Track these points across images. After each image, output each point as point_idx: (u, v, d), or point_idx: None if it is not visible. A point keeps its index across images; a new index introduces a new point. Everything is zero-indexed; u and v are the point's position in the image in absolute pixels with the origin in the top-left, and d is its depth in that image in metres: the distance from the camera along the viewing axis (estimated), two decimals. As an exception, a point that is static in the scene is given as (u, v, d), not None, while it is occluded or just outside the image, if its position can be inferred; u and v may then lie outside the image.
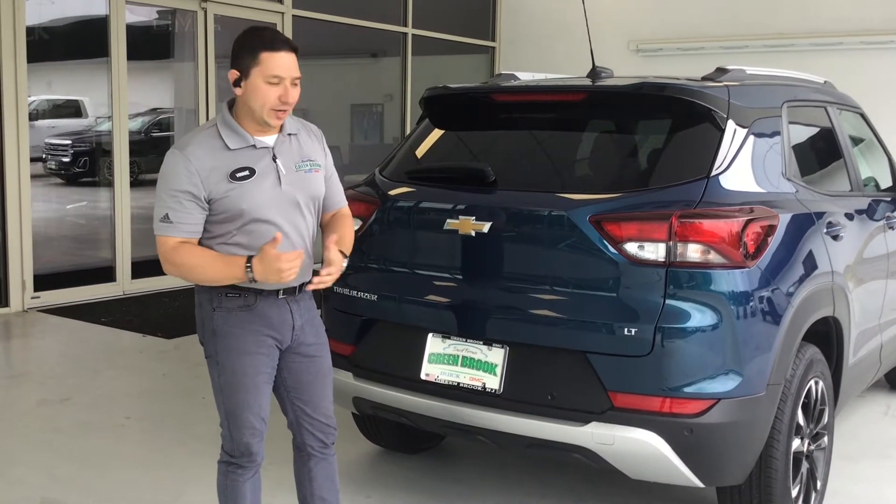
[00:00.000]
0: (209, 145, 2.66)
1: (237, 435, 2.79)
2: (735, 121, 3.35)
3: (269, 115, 2.66)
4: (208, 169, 2.62)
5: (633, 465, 3.13)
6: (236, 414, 2.77)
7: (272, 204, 2.68)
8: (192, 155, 2.63)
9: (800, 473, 3.48)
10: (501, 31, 11.99)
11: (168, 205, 2.63)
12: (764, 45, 10.00)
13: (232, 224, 2.67)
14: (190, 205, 2.62)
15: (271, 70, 2.62)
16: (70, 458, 4.22)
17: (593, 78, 3.89)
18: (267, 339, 2.76)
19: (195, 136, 2.70)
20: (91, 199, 9.19)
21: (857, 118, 4.87)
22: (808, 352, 3.42)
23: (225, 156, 2.65)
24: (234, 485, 2.86)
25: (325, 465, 2.99)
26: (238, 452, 2.83)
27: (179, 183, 2.61)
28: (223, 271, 2.62)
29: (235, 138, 2.68)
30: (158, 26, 8.92)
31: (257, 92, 2.63)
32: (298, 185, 2.75)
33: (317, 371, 2.91)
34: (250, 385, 2.75)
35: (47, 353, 6.16)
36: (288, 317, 2.79)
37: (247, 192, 2.65)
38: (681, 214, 3.05)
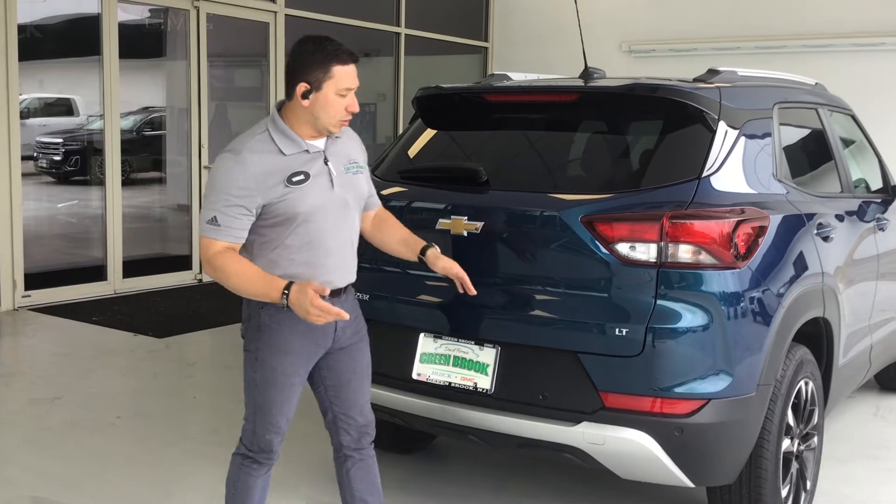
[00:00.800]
0: (264, 150, 2.69)
1: (261, 431, 2.83)
2: (726, 122, 3.36)
3: (335, 125, 2.74)
4: (264, 174, 2.65)
5: (623, 465, 3.14)
6: (265, 410, 2.80)
7: (326, 206, 2.74)
8: (247, 160, 2.65)
9: (790, 474, 3.49)
10: (494, 32, 12.00)
11: (218, 208, 2.64)
12: (755, 46, 10.03)
13: (285, 227, 2.70)
14: (240, 211, 2.64)
15: (344, 83, 2.69)
16: (61, 457, 4.21)
17: (586, 79, 3.89)
18: (309, 341, 2.79)
19: (248, 141, 2.70)
20: (82, 197, 9.16)
21: (848, 120, 4.89)
22: (798, 352, 3.43)
23: (280, 161, 2.69)
24: (247, 479, 2.89)
25: (362, 467, 3.00)
26: (258, 448, 2.86)
27: (233, 188, 2.63)
28: (261, 289, 2.64)
29: (289, 144, 2.72)
30: (150, 25, 8.90)
31: (327, 103, 2.69)
32: (348, 186, 2.81)
33: (355, 368, 2.94)
34: (285, 384, 2.79)
35: (38, 352, 6.15)
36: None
37: (302, 196, 2.69)
38: (672, 215, 3.06)
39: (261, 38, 9.09)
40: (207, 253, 2.66)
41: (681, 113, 3.36)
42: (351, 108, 2.71)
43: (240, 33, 9.26)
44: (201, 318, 7.06)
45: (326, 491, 3.89)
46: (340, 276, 2.83)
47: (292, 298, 2.57)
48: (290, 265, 2.73)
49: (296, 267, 2.73)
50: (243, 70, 9.97)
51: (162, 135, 9.22)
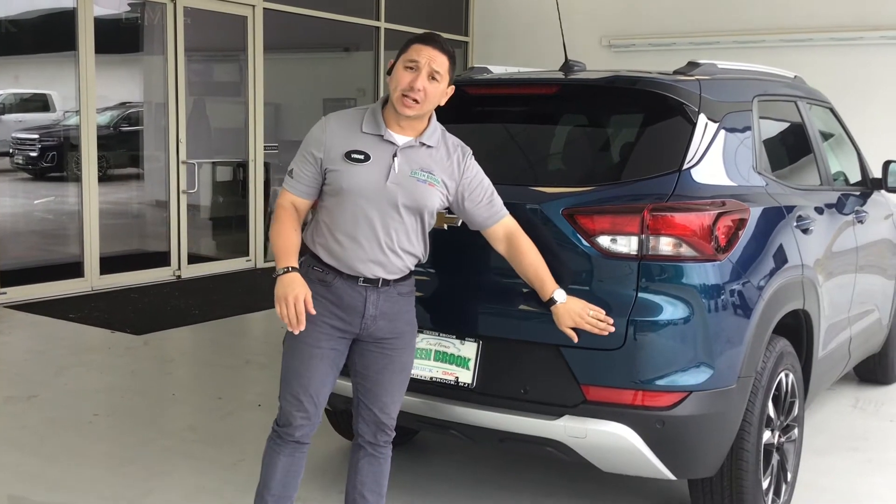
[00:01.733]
0: (349, 120, 2.87)
1: (283, 402, 2.91)
2: (706, 115, 3.36)
3: (398, 100, 2.78)
4: (335, 139, 2.82)
5: (605, 458, 3.14)
6: (287, 380, 2.90)
7: (371, 196, 2.79)
8: (329, 123, 2.87)
9: (770, 465, 3.50)
10: (474, 26, 11.99)
11: (297, 161, 2.88)
12: (734, 40, 10.07)
13: (334, 198, 2.84)
14: (309, 168, 2.85)
15: (411, 55, 2.80)
16: (37, 455, 4.16)
17: (566, 71, 3.88)
18: (331, 318, 2.85)
19: (345, 111, 2.93)
20: (59, 194, 9.06)
21: (827, 113, 4.91)
22: (778, 344, 3.44)
23: (354, 135, 2.84)
24: (271, 452, 2.97)
25: (373, 463, 3.03)
26: (283, 420, 2.93)
27: (309, 143, 2.87)
28: (278, 252, 2.81)
29: (372, 124, 2.85)
30: (127, 19, 8.81)
31: (395, 76, 2.81)
32: (405, 189, 2.82)
33: (386, 365, 2.96)
34: (305, 355, 2.85)
35: (14, 349, 6.07)
36: (360, 304, 2.86)
37: (352, 175, 2.79)
38: (653, 208, 3.05)
39: (239, 32, 9.02)
40: (277, 201, 2.90)
41: (661, 105, 3.36)
42: (414, 82, 2.75)
43: (218, 27, 9.18)
44: (180, 315, 7.00)
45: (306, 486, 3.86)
46: (368, 268, 2.85)
47: (284, 280, 2.73)
48: (328, 238, 2.86)
49: (331, 242, 2.85)
50: (221, 64, 9.90)
51: (139, 130, 9.14)
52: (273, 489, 2.97)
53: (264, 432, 3.03)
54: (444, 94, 2.86)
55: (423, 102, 2.78)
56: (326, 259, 2.85)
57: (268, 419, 4.65)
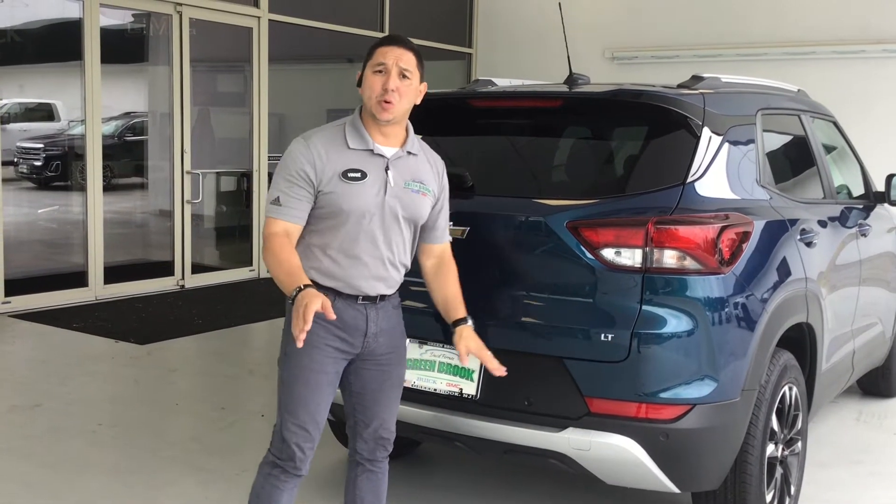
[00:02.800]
0: (332, 138, 2.75)
1: (287, 435, 2.77)
2: (710, 128, 3.37)
3: (375, 106, 2.71)
4: (325, 159, 2.69)
5: (609, 470, 3.14)
6: (292, 410, 2.75)
7: (373, 211, 2.72)
8: (312, 143, 2.72)
9: (774, 479, 3.50)
10: (478, 38, 12.03)
11: (282, 188, 2.70)
12: (737, 53, 10.10)
13: (328, 221, 2.71)
14: (300, 192, 2.68)
15: (377, 59, 2.72)
16: (41, 464, 4.16)
17: (570, 84, 3.90)
18: (334, 341, 2.75)
19: (321, 129, 2.80)
20: (63, 203, 9.09)
21: (830, 126, 4.92)
22: (782, 357, 3.44)
23: (343, 152, 2.73)
24: (272, 490, 2.81)
25: (371, 478, 2.97)
26: (286, 455, 2.78)
27: (297, 166, 2.69)
28: (284, 279, 2.60)
29: (357, 139, 2.75)
30: (133, 30, 8.86)
31: (366, 83, 2.73)
32: (403, 201, 2.77)
33: (384, 381, 2.89)
34: (312, 381, 2.74)
35: (18, 358, 6.08)
36: (362, 323, 2.78)
37: (352, 194, 2.69)
38: (657, 221, 3.06)
39: (244, 43, 9.06)
40: (266, 231, 2.71)
41: (665, 119, 3.37)
42: (387, 84, 2.67)
43: (223, 38, 9.23)
44: (183, 325, 7.01)
45: (309, 496, 3.87)
46: (371, 285, 2.77)
47: (298, 297, 2.50)
48: (323, 261, 2.74)
49: (327, 264, 2.74)
50: (226, 75, 9.94)
51: (144, 140, 9.18)
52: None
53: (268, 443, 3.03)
54: (418, 91, 2.79)
55: (399, 102, 2.71)
56: (324, 282, 2.73)
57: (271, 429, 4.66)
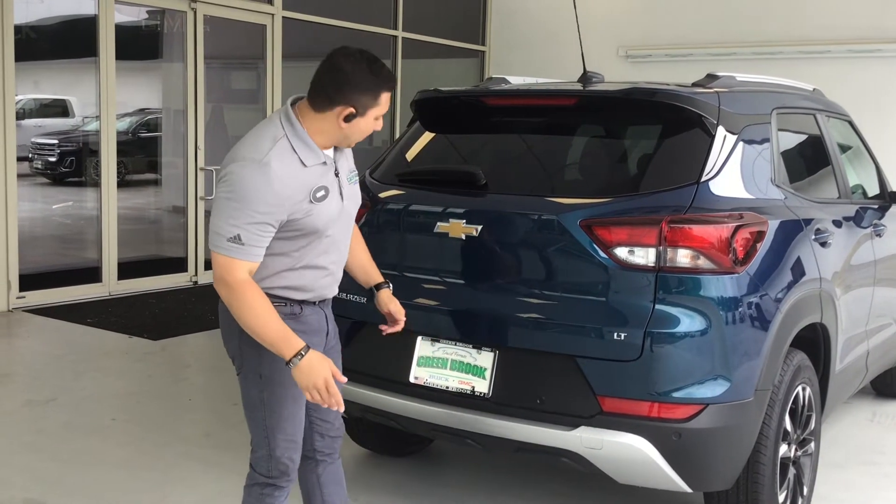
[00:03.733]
0: (288, 162, 2.50)
1: (279, 452, 2.69)
2: (725, 127, 3.36)
3: (352, 142, 2.65)
4: (292, 190, 2.49)
5: (621, 469, 3.13)
6: (281, 428, 2.67)
7: (337, 220, 2.66)
8: (275, 175, 2.45)
9: (787, 479, 3.49)
10: (491, 36, 12.01)
11: (242, 225, 2.43)
12: (752, 52, 10.05)
13: (298, 241, 2.59)
14: (265, 228, 2.47)
15: (384, 106, 2.61)
16: (55, 458, 4.19)
17: (584, 83, 3.89)
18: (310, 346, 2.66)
19: (271, 149, 2.49)
20: (77, 199, 9.14)
21: (846, 126, 4.90)
22: (795, 358, 3.43)
23: (303, 174, 2.53)
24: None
25: (333, 470, 2.95)
26: (279, 472, 2.71)
27: (261, 205, 2.44)
28: (273, 339, 2.48)
29: (310, 155, 2.55)
30: (147, 26, 8.89)
31: (366, 127, 2.60)
32: (352, 197, 2.75)
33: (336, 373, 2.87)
34: (297, 395, 2.64)
35: (32, 353, 6.12)
36: (324, 323, 2.78)
37: (322, 211, 2.59)
38: (671, 220, 3.05)
39: (258, 40, 9.08)
40: (229, 276, 2.46)
41: (679, 117, 3.36)
42: (376, 126, 2.63)
43: (237, 35, 9.25)
44: (196, 321, 7.04)
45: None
46: (333, 289, 2.77)
47: (305, 368, 2.45)
48: (291, 279, 2.63)
49: (296, 280, 2.64)
50: (240, 72, 9.97)
51: (158, 136, 9.21)
52: None
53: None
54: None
55: None
56: (294, 296, 2.64)
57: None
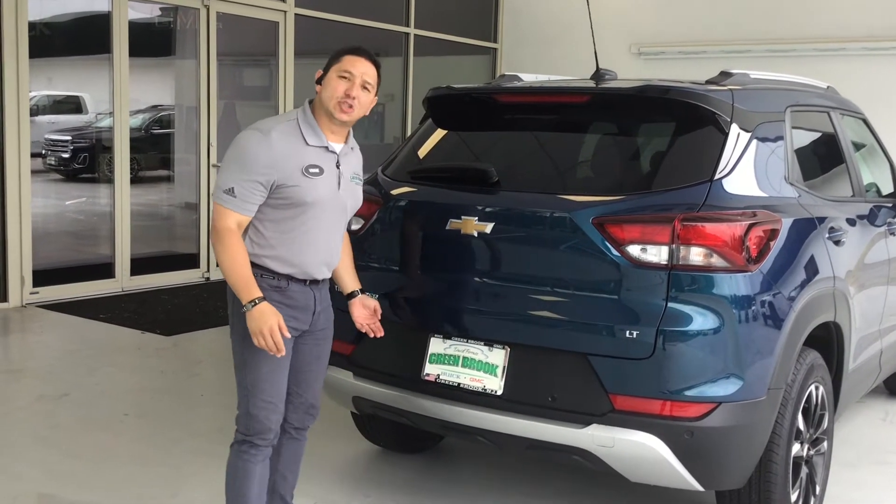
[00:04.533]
0: (290, 134, 2.88)
1: (255, 410, 2.93)
2: (739, 124, 3.35)
3: (335, 106, 2.90)
4: (286, 156, 2.84)
5: (632, 467, 3.13)
6: (258, 387, 2.92)
7: (329, 204, 2.93)
8: (274, 140, 2.83)
9: (799, 478, 3.48)
10: (503, 33, 12.00)
11: (237, 180, 2.81)
12: (766, 49, 10.01)
13: (287, 211, 2.88)
14: (257, 187, 2.81)
15: (345, 66, 2.91)
16: (68, 453, 4.21)
17: (597, 80, 3.88)
18: (290, 321, 2.91)
19: (278, 124, 2.90)
20: (91, 195, 9.17)
21: (860, 124, 4.87)
22: (808, 356, 3.42)
23: (302, 149, 2.88)
24: (246, 465, 2.97)
25: (294, 445, 3.19)
26: (255, 430, 2.95)
27: (255, 162, 2.81)
28: (238, 284, 2.82)
29: (314, 136, 2.92)
30: (160, 23, 8.91)
31: (329, 84, 2.91)
32: (349, 192, 3.02)
33: (320, 353, 3.13)
34: (274, 359, 2.89)
35: (46, 348, 6.15)
36: (311, 303, 3.00)
37: (314, 187, 2.88)
38: (684, 217, 3.04)
39: (270, 37, 9.09)
40: (219, 222, 2.83)
41: (693, 115, 3.35)
42: (350, 91, 2.88)
43: (249, 32, 9.27)
44: (209, 316, 7.06)
45: (332, 489, 3.89)
46: (320, 270, 2.99)
47: (256, 312, 2.77)
48: (278, 249, 2.90)
49: (282, 252, 2.90)
50: (253, 69, 9.98)
51: (171, 133, 9.23)
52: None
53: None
54: (372, 103, 3.02)
55: (357, 109, 2.92)
56: (279, 268, 2.90)
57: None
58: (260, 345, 2.79)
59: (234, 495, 2.99)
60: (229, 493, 3.00)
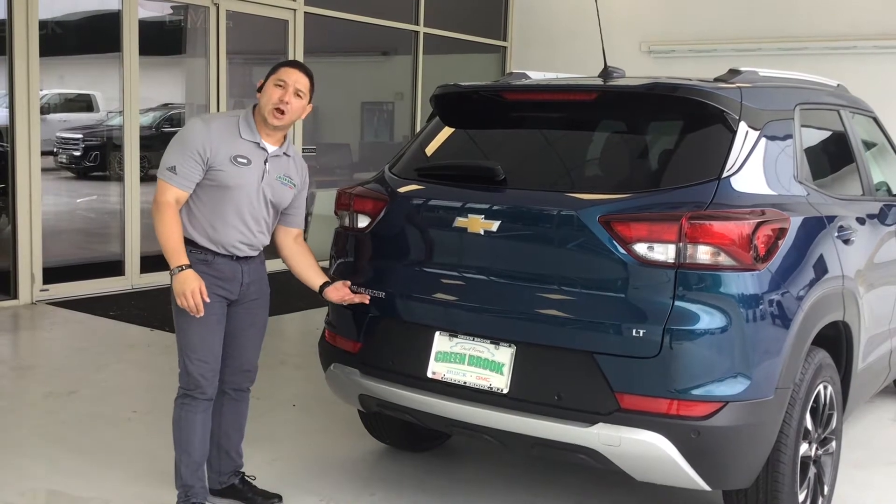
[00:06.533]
0: (228, 126, 3.36)
1: (191, 368, 3.37)
2: (747, 123, 3.33)
3: (269, 112, 3.34)
4: (220, 143, 3.29)
5: (639, 467, 3.12)
6: (192, 347, 3.36)
7: (249, 191, 3.36)
8: (213, 129, 3.32)
9: (807, 478, 3.46)
10: (513, 31, 11.98)
11: (178, 159, 3.27)
12: (777, 47, 9.96)
13: (215, 192, 3.32)
14: (195, 164, 3.26)
15: (280, 76, 3.38)
16: (76, 450, 4.23)
17: (605, 78, 3.87)
18: (218, 289, 3.36)
19: (220, 117, 3.47)
20: (101, 193, 9.21)
21: (870, 122, 4.84)
22: (817, 356, 3.40)
23: (235, 140, 3.34)
24: (187, 415, 3.41)
25: (234, 406, 3.61)
26: (191, 385, 3.39)
27: (195, 144, 3.26)
28: (170, 251, 3.26)
29: (248, 132, 3.39)
30: (171, 22, 8.94)
31: (266, 92, 3.37)
32: (273, 189, 3.43)
33: (253, 320, 3.55)
34: (204, 322, 3.33)
35: (55, 345, 6.18)
36: (238, 274, 3.44)
37: (238, 175, 3.32)
38: (691, 216, 3.03)
39: (280, 35, 9.11)
40: (160, 196, 3.27)
41: (701, 113, 3.34)
42: (283, 97, 3.31)
43: (259, 31, 9.28)
44: (217, 315, 7.07)
45: (338, 486, 3.89)
46: (240, 248, 3.41)
47: (181, 277, 3.22)
48: (205, 226, 3.33)
49: (208, 229, 3.33)
50: (262, 67, 9.96)
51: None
52: (195, 456, 3.43)
53: (300, 432, 3.06)
54: (305, 109, 3.43)
55: (289, 114, 3.35)
56: (204, 243, 3.35)
57: (303, 419, 4.70)
58: (182, 305, 3.22)
59: (181, 441, 3.42)
60: (176, 441, 3.44)
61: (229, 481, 3.68)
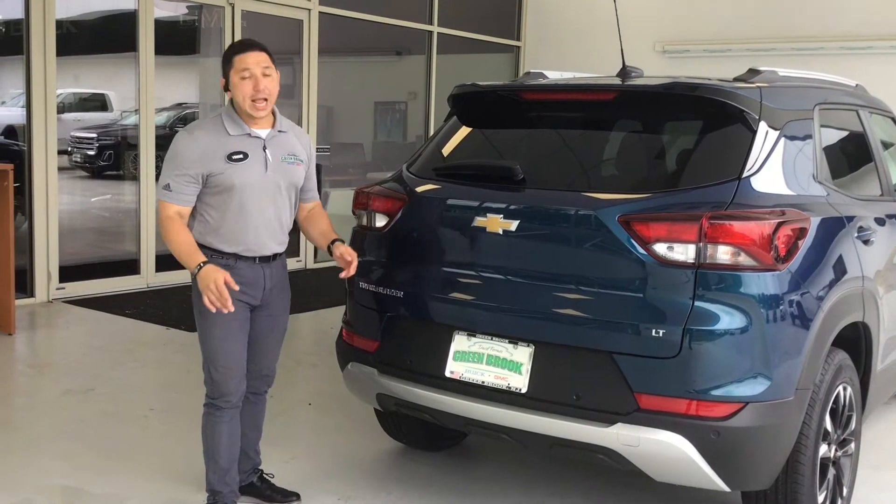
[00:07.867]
0: (213, 130, 3.26)
1: (216, 376, 3.33)
2: (767, 122, 3.32)
3: (250, 106, 3.22)
4: (211, 149, 3.20)
5: (657, 467, 3.11)
6: (217, 355, 3.30)
7: (258, 185, 3.25)
8: (197, 137, 3.24)
9: (826, 479, 3.45)
10: (527, 31, 11.97)
11: (171, 176, 3.21)
12: (792, 47, 9.92)
13: (221, 197, 3.23)
14: (188, 179, 3.19)
15: (240, 66, 3.21)
16: (92, 447, 4.24)
17: (623, 77, 3.86)
18: (241, 295, 3.24)
19: (203, 123, 3.35)
20: (116, 192, 9.24)
21: (889, 122, 4.82)
22: (836, 357, 3.38)
23: (225, 140, 3.24)
24: (214, 424, 3.39)
25: (251, 408, 3.58)
26: (217, 393, 3.35)
27: (184, 161, 3.19)
28: (185, 258, 3.17)
29: (235, 127, 3.27)
30: (186, 21, 8.97)
31: (236, 88, 3.23)
32: (282, 173, 3.32)
33: (273, 327, 3.48)
34: (228, 329, 3.27)
35: (72, 343, 6.21)
36: (261, 279, 3.35)
37: (239, 172, 3.22)
38: (711, 216, 3.02)
39: (295, 35, 9.12)
40: (162, 213, 3.22)
41: (721, 112, 3.33)
42: (257, 86, 3.18)
43: (274, 30, 9.30)
44: (232, 314, 7.08)
45: (355, 485, 3.90)
46: (265, 246, 3.31)
47: (203, 273, 3.09)
48: (220, 230, 3.25)
49: (224, 233, 3.25)
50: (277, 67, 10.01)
51: (195, 131, 9.27)
52: (222, 463, 3.39)
53: (316, 431, 3.06)
54: (278, 84, 3.27)
55: (270, 98, 3.23)
56: (225, 248, 3.26)
57: (319, 418, 4.71)
58: (210, 300, 3.06)
59: (208, 449, 3.42)
60: (204, 447, 3.43)
61: (248, 479, 3.68)
